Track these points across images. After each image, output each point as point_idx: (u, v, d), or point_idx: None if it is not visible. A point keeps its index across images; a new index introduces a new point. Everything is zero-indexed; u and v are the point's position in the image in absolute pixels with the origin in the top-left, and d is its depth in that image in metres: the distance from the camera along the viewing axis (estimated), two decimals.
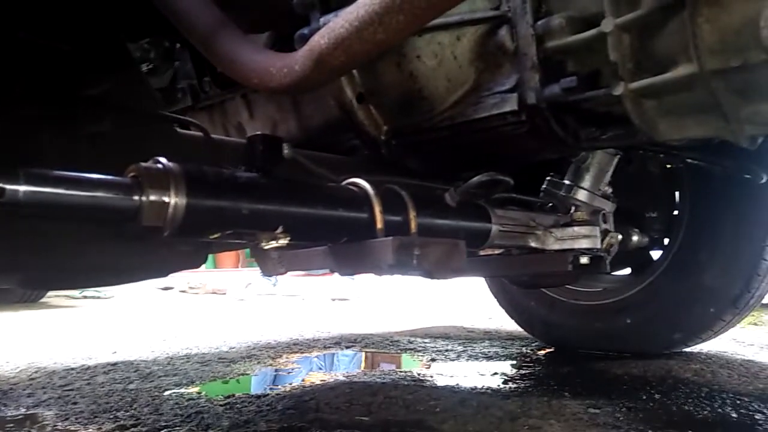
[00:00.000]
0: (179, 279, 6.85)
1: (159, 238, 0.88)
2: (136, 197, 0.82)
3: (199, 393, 1.79)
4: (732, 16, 0.83)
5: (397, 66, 1.19)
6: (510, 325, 2.69)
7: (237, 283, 6.08)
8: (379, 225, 1.08)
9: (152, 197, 0.83)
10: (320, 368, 2.28)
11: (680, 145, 1.39)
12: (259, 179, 0.97)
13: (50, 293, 5.39)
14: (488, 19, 1.10)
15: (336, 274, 4.79)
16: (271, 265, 1.23)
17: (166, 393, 1.77)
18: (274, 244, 0.99)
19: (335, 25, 0.98)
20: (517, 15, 1.07)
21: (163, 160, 0.87)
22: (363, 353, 2.52)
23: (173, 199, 0.85)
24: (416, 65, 1.17)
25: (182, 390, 1.83)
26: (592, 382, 1.76)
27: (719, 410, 1.44)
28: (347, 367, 2.31)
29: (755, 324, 3.09)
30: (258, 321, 3.87)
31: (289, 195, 0.99)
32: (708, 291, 1.95)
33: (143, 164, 0.85)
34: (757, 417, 1.38)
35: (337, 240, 1.11)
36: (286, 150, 1.01)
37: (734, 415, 1.41)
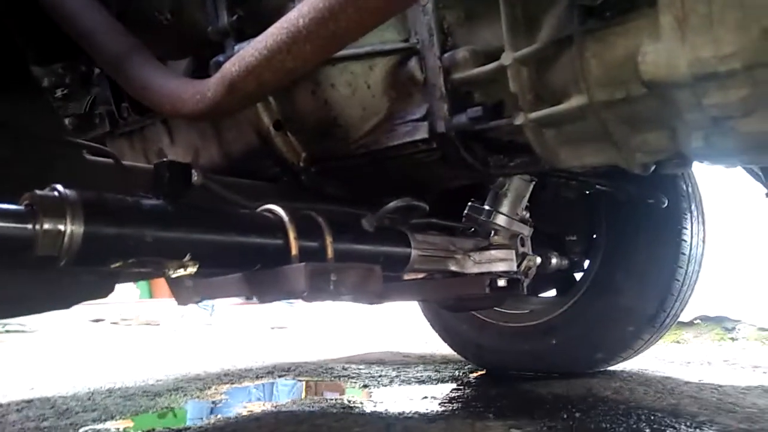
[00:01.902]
0: (111, 310, 6.58)
1: (57, 268, 0.85)
2: (29, 226, 0.80)
3: (117, 429, 1.72)
4: (614, 51, 0.89)
5: (312, 94, 1.20)
6: (445, 349, 2.72)
7: (172, 314, 5.88)
8: (294, 251, 1.08)
9: (47, 225, 0.80)
10: (251, 399, 2.22)
11: (587, 172, 1.46)
12: (164, 206, 0.95)
13: None
14: (398, 51, 1.14)
15: (275, 303, 4.69)
16: (185, 293, 1.21)
17: (82, 430, 1.69)
18: (182, 272, 0.97)
19: (246, 53, 0.99)
20: (425, 47, 1.11)
21: (59, 186, 0.84)
22: (296, 382, 2.48)
23: (69, 228, 0.82)
24: (331, 94, 1.19)
25: (99, 426, 1.75)
26: (516, 403, 1.80)
27: (634, 426, 1.50)
28: (281, 397, 2.26)
29: (677, 342, 3.23)
30: (190, 352, 3.75)
31: (197, 222, 0.98)
32: (626, 311, 2.03)
33: (38, 192, 0.82)
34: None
35: (251, 267, 1.10)
36: (195, 176, 1.00)
37: (648, 430, 1.46)
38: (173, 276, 0.96)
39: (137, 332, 5.50)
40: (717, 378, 2.14)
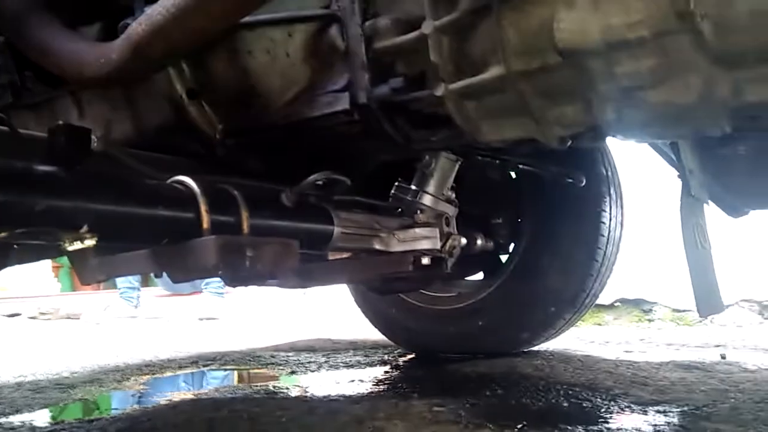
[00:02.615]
0: (29, 304, 6.20)
1: None
2: None
3: (22, 422, 1.60)
4: (530, 19, 0.88)
5: (228, 61, 1.15)
6: (376, 335, 2.71)
7: (94, 307, 5.60)
8: (205, 225, 1.03)
9: None
10: (172, 389, 2.13)
11: (509, 150, 1.47)
12: (59, 173, 0.88)
13: None
14: (318, 17, 1.10)
15: (204, 293, 4.55)
16: (89, 271, 1.12)
17: None
18: (79, 245, 0.90)
19: (153, 12, 0.93)
20: (347, 14, 1.07)
21: None
22: (227, 373, 2.40)
23: None
24: (248, 61, 1.14)
25: (3, 419, 1.62)
26: (441, 383, 1.81)
27: (553, 401, 1.53)
28: (199, 386, 2.18)
29: (599, 324, 3.36)
30: (111, 344, 3.58)
31: (96, 191, 0.91)
32: (549, 292, 2.08)
33: None
34: (584, 405, 1.48)
35: (159, 241, 1.04)
36: (94, 143, 0.93)
37: (565, 404, 1.50)
38: (70, 249, 0.89)
39: (56, 326, 5.21)
40: (633, 356, 2.23)
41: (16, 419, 1.63)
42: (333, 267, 1.53)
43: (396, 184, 1.62)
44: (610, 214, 2.05)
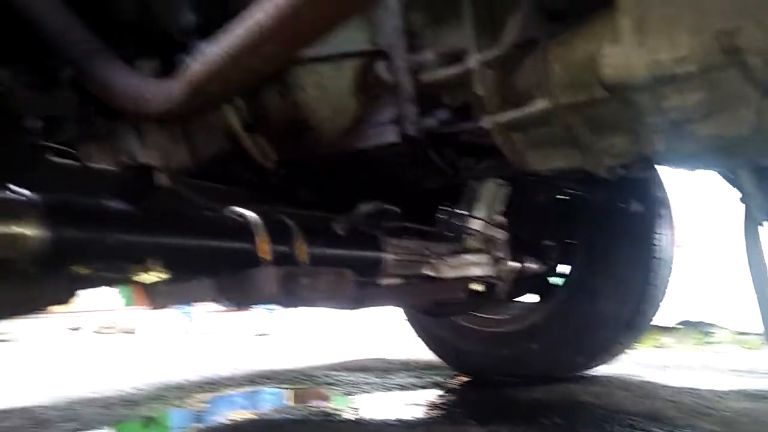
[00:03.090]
0: (91, 318, 6.51)
1: (15, 273, 0.83)
2: None
3: None
4: (576, 53, 0.89)
5: (281, 96, 1.20)
6: (428, 355, 2.71)
7: (152, 322, 5.83)
8: (264, 255, 1.08)
9: (3, 228, 0.79)
10: (232, 407, 2.20)
11: (559, 176, 1.47)
12: (129, 209, 0.95)
13: None
14: (366, 53, 1.14)
15: (255, 308, 4.61)
16: (156, 297, 1.19)
17: None
18: (146, 277, 0.96)
19: (210, 53, 0.99)
20: (393, 49, 1.11)
21: (19, 189, 0.84)
22: (278, 390, 2.46)
23: (29, 231, 0.81)
24: (300, 95, 1.18)
25: None
26: (497, 409, 1.79)
27: (613, 431, 1.49)
28: (259, 405, 2.24)
29: (656, 347, 3.24)
30: (170, 360, 3.71)
31: (163, 225, 0.97)
32: (604, 315, 2.04)
33: None
34: None
35: (221, 271, 1.09)
36: (161, 179, 1.00)
37: None
38: (138, 280, 0.95)
39: (117, 340, 5.44)
40: (695, 382, 2.15)
41: None
42: (386, 292, 1.55)
43: (441, 208, 1.63)
44: (664, 235, 1.99)
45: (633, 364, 2.61)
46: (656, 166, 1.23)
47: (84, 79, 1.13)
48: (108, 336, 5.87)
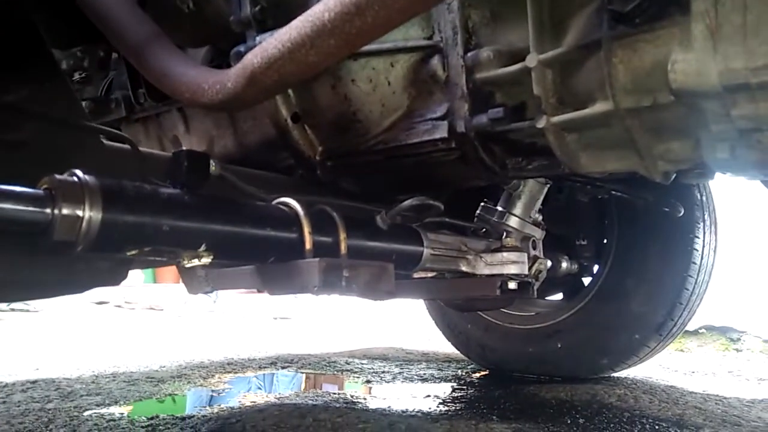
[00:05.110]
0: (115, 293, 6.59)
1: (72, 254, 0.84)
2: (48, 210, 0.79)
3: (121, 414, 1.72)
4: (643, 58, 0.88)
5: (332, 88, 1.20)
6: (448, 347, 2.71)
7: (176, 299, 5.90)
8: (308, 246, 1.08)
9: (65, 211, 0.80)
10: (254, 389, 2.23)
11: (604, 177, 1.45)
12: (182, 196, 0.95)
13: None
14: (421, 48, 1.13)
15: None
16: (197, 283, 1.21)
17: (86, 413, 1.69)
18: (196, 262, 0.97)
19: (268, 45, 0.98)
20: (449, 46, 1.10)
21: (78, 172, 0.84)
22: (299, 374, 2.48)
23: (87, 214, 0.82)
24: (351, 89, 1.18)
25: (103, 410, 1.75)
26: (520, 406, 1.79)
27: None
28: (281, 388, 2.27)
29: (681, 351, 3.22)
30: (193, 339, 3.77)
31: (213, 213, 0.97)
32: (634, 318, 2.02)
33: (57, 176, 0.82)
34: None
35: (265, 260, 1.10)
36: (213, 167, 1.00)
37: None
38: (188, 266, 0.96)
39: (141, 316, 5.52)
40: (722, 389, 2.13)
41: (115, 411, 1.75)
42: (420, 285, 1.55)
43: (482, 204, 1.62)
44: (704, 240, 1.97)
45: (657, 367, 2.59)
46: (713, 177, 1.20)
47: (139, 65, 1.14)
48: (132, 312, 5.96)
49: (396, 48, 1.13)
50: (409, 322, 4.57)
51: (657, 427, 1.56)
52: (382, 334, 4.03)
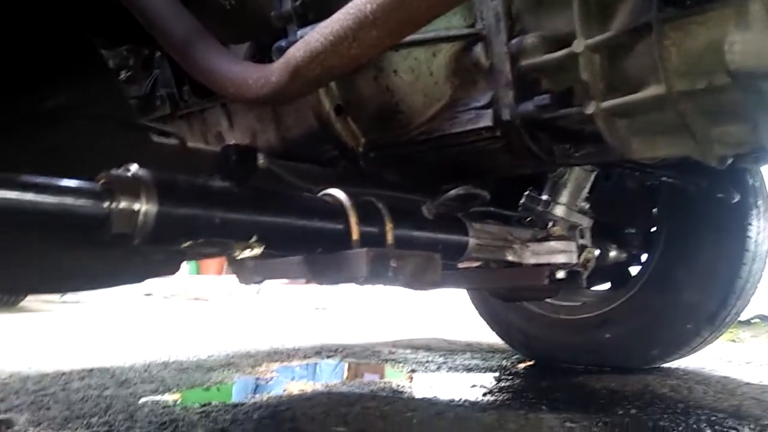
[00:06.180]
0: (161, 285, 6.80)
1: (130, 247, 0.88)
2: (105, 204, 0.82)
3: (175, 401, 1.78)
4: (697, 40, 0.85)
5: (374, 80, 1.20)
6: (491, 338, 2.70)
7: (219, 291, 6.04)
8: (355, 236, 1.09)
9: (122, 204, 0.83)
10: (300, 378, 2.27)
11: (655, 163, 1.41)
12: (232, 188, 0.97)
13: (29, 297, 5.32)
14: (463, 37, 1.12)
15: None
16: (247, 273, 1.24)
17: (142, 400, 1.76)
18: (247, 253, 0.99)
19: (311, 38, 0.99)
20: (492, 33, 1.08)
21: (134, 167, 0.87)
22: (343, 363, 2.51)
23: (144, 207, 0.85)
24: (393, 79, 1.18)
25: (158, 397, 1.81)
26: (569, 396, 1.77)
27: (694, 426, 1.45)
28: (327, 377, 2.30)
29: (733, 341, 3.12)
30: (239, 329, 3.85)
31: (263, 205, 0.99)
32: (686, 307, 1.97)
33: (114, 171, 0.85)
34: None
35: (313, 250, 1.11)
36: (261, 160, 1.02)
37: (709, 431, 1.42)
38: (239, 257, 0.98)
39: (187, 307, 5.68)
40: None
41: (169, 398, 1.81)
42: (465, 275, 1.55)
43: (526, 193, 1.60)
44: (758, 227, 1.90)
45: (710, 357, 2.52)
46: None
47: (184, 62, 1.16)
48: (179, 303, 6.13)
49: (438, 37, 1.13)
50: (450, 313, 4.56)
51: (713, 418, 1.52)
52: (424, 324, 4.03)
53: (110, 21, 1.42)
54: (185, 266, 8.77)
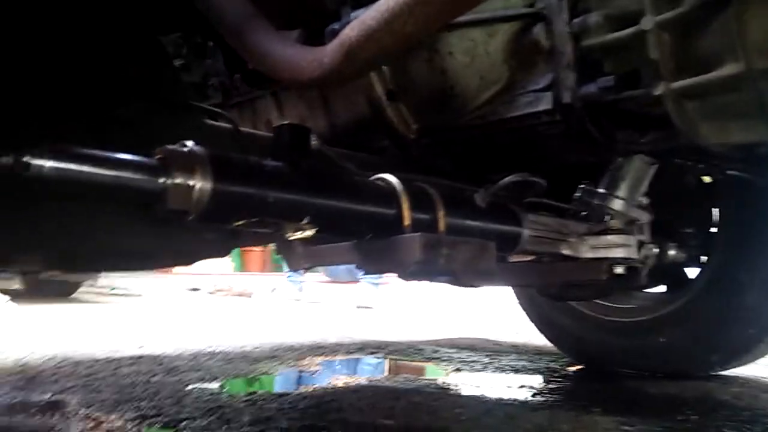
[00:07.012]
0: (206, 281, 6.94)
1: (184, 223, 0.87)
2: (162, 179, 0.82)
3: (221, 389, 1.79)
4: None
5: (428, 62, 1.17)
6: (538, 340, 2.63)
7: (263, 287, 6.11)
8: (407, 221, 1.06)
9: (178, 180, 0.83)
10: (343, 372, 2.25)
11: (721, 154, 1.34)
12: (285, 168, 0.96)
13: (81, 289, 5.50)
14: (522, 16, 1.08)
15: (361, 282, 4.77)
16: (296, 258, 1.23)
17: (189, 387, 1.77)
18: (299, 234, 0.98)
19: (366, 17, 0.98)
20: (553, 12, 1.04)
21: (189, 143, 0.87)
22: (387, 360, 2.49)
23: (199, 183, 0.84)
24: (448, 62, 1.15)
25: (205, 385, 1.83)
26: (623, 400, 1.70)
27: None
28: (371, 372, 2.28)
29: None
30: (282, 324, 3.88)
31: (316, 186, 0.98)
32: (748, 312, 1.87)
33: (170, 147, 0.85)
34: None
35: (363, 235, 1.09)
36: (313, 141, 1.00)
37: None
38: (290, 238, 0.97)
39: (231, 302, 5.77)
40: None
41: (215, 386, 1.83)
42: (517, 269, 1.50)
43: (582, 186, 1.54)
44: None
45: None
46: None
47: (238, 46, 1.16)
48: (223, 298, 6.24)
49: (495, 17, 1.09)
50: (494, 314, 4.48)
51: None
52: (467, 325, 3.97)
53: (164, 5, 1.43)
54: (230, 263, 8.95)
